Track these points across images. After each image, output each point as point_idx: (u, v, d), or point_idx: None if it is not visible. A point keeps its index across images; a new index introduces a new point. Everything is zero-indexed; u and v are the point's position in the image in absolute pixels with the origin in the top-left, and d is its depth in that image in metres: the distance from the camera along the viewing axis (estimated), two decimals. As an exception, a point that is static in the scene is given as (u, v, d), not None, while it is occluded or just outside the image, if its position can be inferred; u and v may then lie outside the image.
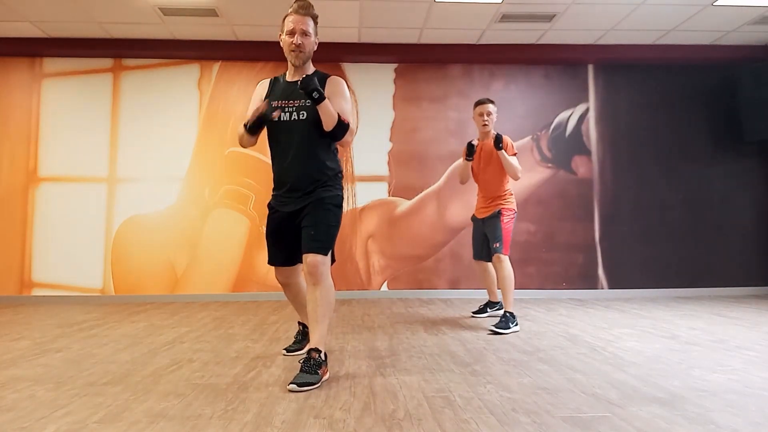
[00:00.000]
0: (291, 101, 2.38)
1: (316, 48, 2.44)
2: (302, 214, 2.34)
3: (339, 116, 2.30)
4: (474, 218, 3.78)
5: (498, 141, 3.44)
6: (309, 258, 2.24)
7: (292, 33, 2.35)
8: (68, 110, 5.20)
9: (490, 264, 3.74)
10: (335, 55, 5.31)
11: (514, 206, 3.59)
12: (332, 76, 2.44)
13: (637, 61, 5.47)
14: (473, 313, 3.97)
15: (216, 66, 5.31)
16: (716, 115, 5.54)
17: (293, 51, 2.36)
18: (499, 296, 3.93)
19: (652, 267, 5.34)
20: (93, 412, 1.80)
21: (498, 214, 3.52)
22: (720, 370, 2.36)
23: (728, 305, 4.57)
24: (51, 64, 5.22)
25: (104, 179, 5.17)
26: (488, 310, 3.92)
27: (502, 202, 3.56)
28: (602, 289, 5.31)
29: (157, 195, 5.16)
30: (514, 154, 3.50)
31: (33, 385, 2.13)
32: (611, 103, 5.51)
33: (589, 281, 5.32)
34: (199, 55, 5.27)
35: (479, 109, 3.58)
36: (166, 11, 4.57)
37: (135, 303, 4.85)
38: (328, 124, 2.29)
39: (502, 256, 3.43)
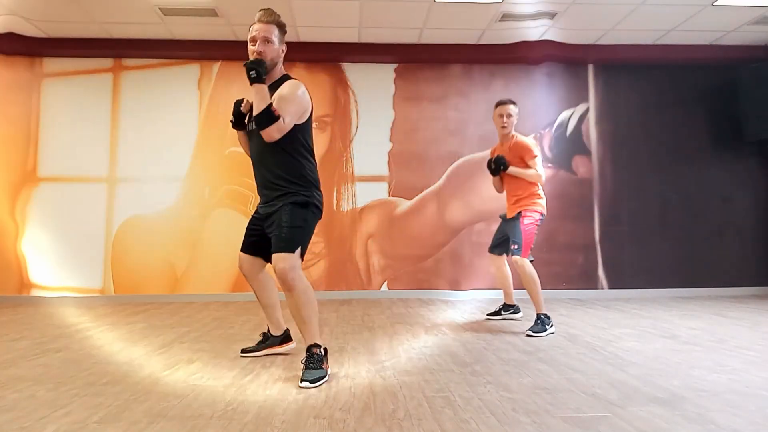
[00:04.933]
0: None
1: (283, 54, 2.45)
2: (270, 220, 2.39)
3: (270, 105, 2.24)
4: (502, 216, 3.68)
5: (498, 166, 3.40)
6: (278, 265, 2.25)
7: (253, 41, 2.38)
8: (68, 110, 5.20)
9: (502, 263, 3.69)
10: (335, 55, 5.31)
11: (539, 209, 3.40)
12: (292, 79, 2.41)
13: (637, 61, 5.47)
14: (488, 315, 3.87)
15: (216, 66, 5.31)
16: (716, 115, 5.53)
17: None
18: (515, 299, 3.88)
19: (652, 267, 5.34)
20: (93, 412, 1.80)
21: (518, 217, 3.40)
22: (720, 370, 2.36)
23: (728, 305, 4.57)
24: (51, 64, 5.22)
25: (104, 179, 5.17)
26: (503, 313, 3.82)
27: (525, 203, 3.42)
28: (602, 289, 5.31)
29: (157, 195, 5.16)
30: (534, 157, 3.36)
31: (33, 385, 2.13)
32: (611, 103, 5.51)
33: (589, 281, 5.32)
34: (199, 55, 5.27)
35: (499, 109, 3.46)
36: (166, 11, 4.57)
37: (135, 303, 4.85)
38: (257, 108, 2.27)
39: (519, 259, 3.30)
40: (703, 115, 5.54)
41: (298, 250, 2.30)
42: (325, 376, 2.17)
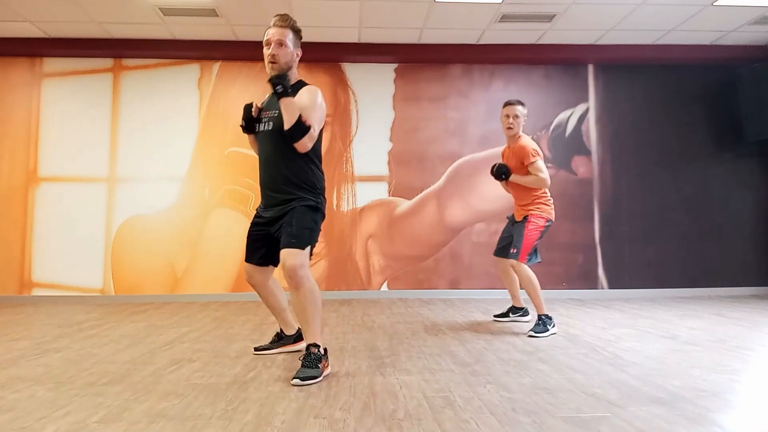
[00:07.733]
0: (266, 112, 2.46)
1: (297, 59, 2.46)
2: (279, 222, 2.36)
3: (300, 117, 2.27)
4: (509, 217, 3.69)
5: (499, 173, 3.39)
6: (287, 262, 2.23)
7: (267, 44, 2.40)
8: (68, 110, 5.20)
9: (508, 266, 3.64)
10: (335, 55, 5.31)
11: (546, 214, 3.38)
12: (309, 86, 2.45)
13: (637, 61, 5.47)
14: (495, 316, 3.83)
15: (216, 66, 5.31)
16: (716, 115, 5.53)
17: (269, 63, 2.39)
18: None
19: (652, 267, 5.34)
20: (93, 412, 1.80)
21: (524, 220, 3.38)
22: (720, 370, 2.36)
23: (728, 305, 4.57)
24: (51, 64, 5.22)
25: (104, 179, 5.17)
26: (511, 315, 3.78)
27: (532, 208, 3.40)
28: (602, 289, 5.31)
29: (157, 195, 5.16)
30: (533, 162, 3.28)
31: (33, 385, 2.13)
32: (611, 103, 5.51)
33: (589, 281, 5.32)
34: (199, 55, 5.26)
35: (506, 110, 3.41)
36: (166, 11, 4.57)
37: (135, 303, 4.85)
38: (288, 122, 2.28)
39: (516, 263, 3.28)
40: (703, 115, 5.54)
41: (308, 249, 2.32)
42: (317, 377, 2.17)
